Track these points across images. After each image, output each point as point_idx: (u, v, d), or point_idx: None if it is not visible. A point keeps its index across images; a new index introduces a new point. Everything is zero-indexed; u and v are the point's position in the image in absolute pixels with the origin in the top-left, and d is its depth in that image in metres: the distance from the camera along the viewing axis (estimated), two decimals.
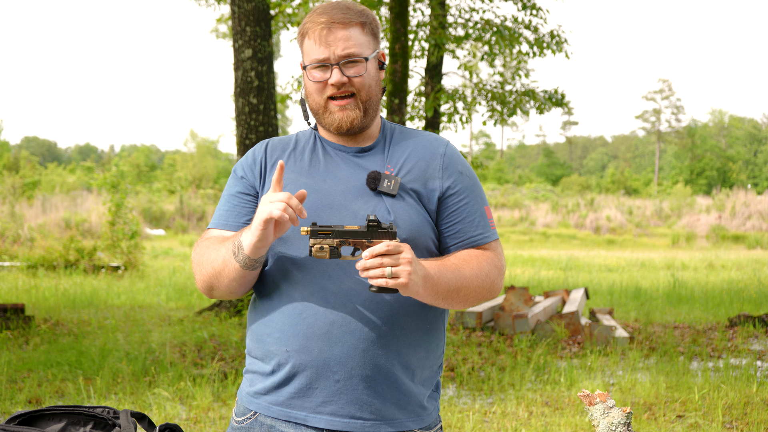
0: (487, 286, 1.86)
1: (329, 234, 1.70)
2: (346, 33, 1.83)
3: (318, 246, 1.69)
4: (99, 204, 19.70)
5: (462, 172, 1.92)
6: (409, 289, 1.68)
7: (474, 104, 11.27)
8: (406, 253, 1.67)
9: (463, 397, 5.94)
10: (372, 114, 1.89)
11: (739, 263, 18.78)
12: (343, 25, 1.83)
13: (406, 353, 1.83)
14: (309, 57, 1.85)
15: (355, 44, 1.83)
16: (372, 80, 1.87)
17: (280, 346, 1.82)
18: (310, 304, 1.80)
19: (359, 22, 1.85)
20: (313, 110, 1.89)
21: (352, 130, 1.87)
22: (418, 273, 1.69)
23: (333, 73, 1.82)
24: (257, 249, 1.72)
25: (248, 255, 1.73)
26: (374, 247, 1.65)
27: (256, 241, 1.70)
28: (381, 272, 1.64)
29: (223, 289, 1.84)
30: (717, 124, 67.09)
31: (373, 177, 1.84)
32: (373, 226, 1.70)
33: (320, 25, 1.83)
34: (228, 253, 1.78)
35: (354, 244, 1.71)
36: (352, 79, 1.83)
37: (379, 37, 1.91)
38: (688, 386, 6.11)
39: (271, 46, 9.39)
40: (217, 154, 57.61)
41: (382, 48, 1.93)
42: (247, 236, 1.72)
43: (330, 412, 1.80)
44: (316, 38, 1.83)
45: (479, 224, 1.90)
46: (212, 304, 9.76)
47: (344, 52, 1.82)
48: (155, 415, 5.08)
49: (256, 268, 1.78)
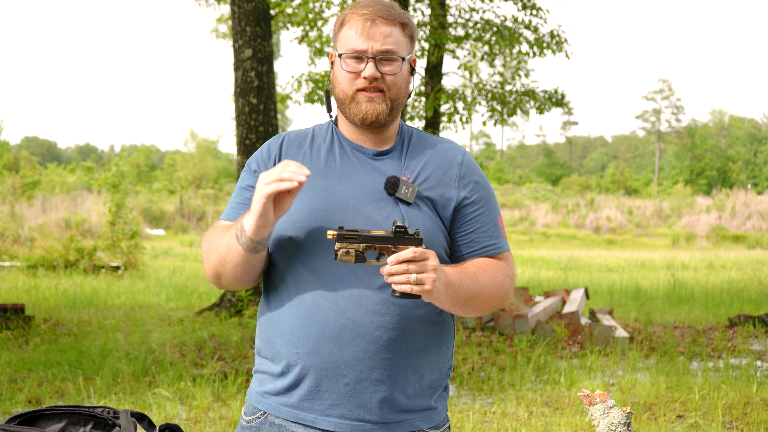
0: (501, 295, 1.87)
1: (356, 238, 1.69)
2: (388, 29, 1.82)
3: (344, 250, 1.69)
4: (99, 204, 19.70)
5: (478, 182, 1.92)
6: (432, 295, 1.68)
7: (474, 104, 11.26)
8: (432, 261, 1.66)
9: (463, 397, 5.94)
10: (396, 113, 1.88)
11: (739, 263, 18.77)
12: (386, 21, 1.82)
13: (416, 357, 1.83)
14: (346, 45, 1.83)
15: (394, 42, 1.83)
16: (403, 81, 1.86)
17: (290, 348, 1.81)
18: (320, 307, 1.79)
19: (401, 22, 1.85)
20: (339, 100, 1.87)
21: (375, 124, 1.85)
22: (441, 280, 1.69)
23: (368, 66, 1.81)
24: (258, 229, 1.71)
25: (250, 237, 1.73)
26: (401, 253, 1.65)
27: (256, 220, 1.69)
28: (406, 278, 1.64)
29: (228, 275, 1.83)
30: (717, 124, 67.07)
31: (393, 183, 1.83)
32: (401, 232, 1.70)
33: (363, 17, 1.82)
34: (231, 238, 1.77)
35: (380, 249, 1.71)
36: (385, 76, 1.82)
37: (416, 43, 1.91)
38: (688, 386, 6.11)
39: (271, 46, 9.39)
40: (217, 154, 57.60)
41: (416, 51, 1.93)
42: (248, 218, 1.72)
43: (339, 415, 1.80)
44: (357, 28, 1.82)
45: (493, 234, 1.91)
46: (212, 304, 9.76)
47: (383, 48, 1.81)
48: (155, 415, 5.08)
49: (259, 251, 1.77)
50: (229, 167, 53.79)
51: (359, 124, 1.86)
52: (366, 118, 1.84)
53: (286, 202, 1.72)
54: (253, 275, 1.84)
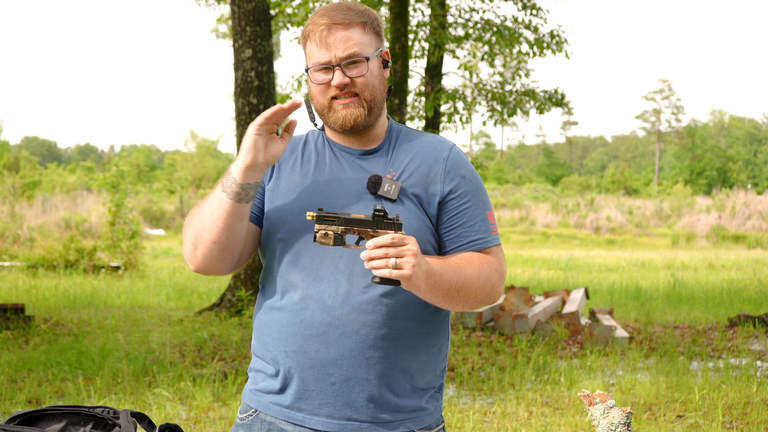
0: (488, 288, 1.84)
1: (334, 221, 1.70)
2: (347, 34, 1.82)
3: (323, 232, 1.69)
4: (99, 204, 19.68)
5: (465, 176, 1.90)
6: (412, 282, 1.66)
7: (474, 104, 11.26)
8: (411, 246, 1.65)
9: (463, 397, 5.94)
10: (377, 112, 1.88)
11: (739, 263, 18.77)
12: (343, 26, 1.82)
13: (405, 357, 1.83)
14: (311, 60, 1.85)
15: (355, 44, 1.82)
16: (375, 79, 1.86)
17: (279, 346, 1.83)
18: (307, 306, 1.80)
19: (360, 22, 1.84)
20: (318, 111, 1.89)
21: (356, 128, 1.86)
22: (421, 266, 1.67)
23: (335, 74, 1.82)
24: (246, 170, 1.74)
25: (236, 179, 1.74)
26: (379, 237, 1.65)
27: (245, 155, 1.72)
28: (385, 263, 1.63)
29: (206, 237, 1.79)
30: (717, 124, 67.07)
31: (374, 181, 1.83)
32: (379, 216, 1.70)
33: (321, 27, 1.82)
34: (217, 189, 1.79)
35: (359, 233, 1.70)
36: (355, 79, 1.82)
37: (383, 36, 1.90)
38: (688, 386, 6.11)
39: (271, 46, 9.39)
40: (217, 154, 57.59)
41: (386, 46, 1.92)
42: (236, 161, 1.75)
43: (327, 414, 1.80)
44: (317, 40, 1.82)
45: (480, 228, 1.88)
46: (212, 304, 9.76)
47: (345, 53, 1.81)
48: (155, 415, 5.08)
49: (242, 199, 1.76)
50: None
51: (340, 131, 1.87)
52: (345, 124, 1.85)
53: (275, 147, 1.76)
54: (230, 242, 1.81)
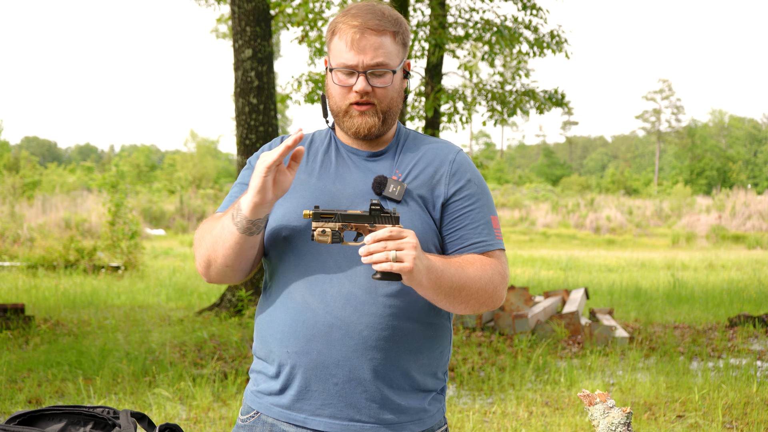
0: (490, 290, 1.82)
1: (331, 217, 1.69)
2: (378, 41, 1.80)
3: (320, 230, 1.68)
4: (99, 204, 19.68)
5: (470, 179, 1.89)
6: (414, 276, 1.64)
7: (474, 104, 11.25)
8: (410, 238, 1.64)
9: (463, 397, 5.94)
10: (390, 123, 1.88)
11: (739, 263, 18.77)
12: (376, 32, 1.79)
13: (407, 359, 1.82)
14: (337, 59, 1.82)
15: (385, 54, 1.80)
16: (395, 92, 1.85)
17: (281, 347, 1.82)
18: (310, 306, 1.79)
19: (392, 31, 1.82)
20: (334, 111, 1.87)
21: (369, 137, 1.86)
22: (422, 261, 1.66)
23: (359, 80, 1.80)
24: (256, 207, 1.69)
25: (246, 215, 1.71)
26: (377, 231, 1.63)
27: (254, 196, 1.68)
28: (385, 256, 1.61)
29: (219, 261, 1.80)
30: (717, 124, 67.06)
31: (379, 182, 1.82)
32: (376, 210, 1.69)
33: (353, 29, 1.79)
34: (227, 219, 1.76)
35: (357, 228, 1.70)
36: (376, 89, 1.81)
37: (408, 46, 1.88)
38: (688, 386, 6.11)
39: (271, 46, 9.39)
40: (217, 154, 57.60)
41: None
42: (246, 197, 1.71)
43: (329, 414, 1.80)
44: (347, 41, 1.79)
45: (483, 231, 1.87)
46: (212, 304, 9.76)
47: (373, 62, 1.79)
48: (155, 415, 5.08)
49: (253, 233, 1.75)
50: (229, 167, 53.78)
51: (353, 137, 1.87)
52: (359, 132, 1.84)
53: (285, 180, 1.72)
54: (243, 264, 1.82)
